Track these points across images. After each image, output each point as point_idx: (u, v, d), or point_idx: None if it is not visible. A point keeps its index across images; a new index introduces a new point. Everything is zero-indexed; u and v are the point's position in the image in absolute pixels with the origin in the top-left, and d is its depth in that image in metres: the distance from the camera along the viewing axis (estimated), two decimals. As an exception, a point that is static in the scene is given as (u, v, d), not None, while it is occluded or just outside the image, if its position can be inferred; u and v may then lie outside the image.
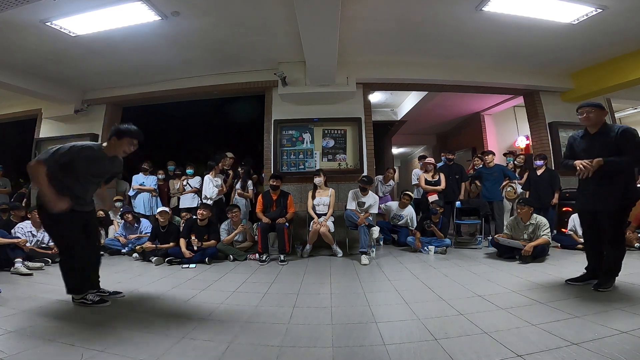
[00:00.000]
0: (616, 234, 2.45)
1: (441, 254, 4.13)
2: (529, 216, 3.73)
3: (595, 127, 2.52)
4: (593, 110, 2.48)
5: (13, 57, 4.34)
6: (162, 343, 1.76)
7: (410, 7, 3.62)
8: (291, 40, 4.15)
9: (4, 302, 2.44)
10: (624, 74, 4.67)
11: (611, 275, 2.46)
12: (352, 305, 2.38)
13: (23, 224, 4.05)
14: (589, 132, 2.56)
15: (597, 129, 2.51)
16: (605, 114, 2.52)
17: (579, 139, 2.64)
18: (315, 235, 4.19)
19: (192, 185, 5.27)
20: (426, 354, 1.60)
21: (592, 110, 2.49)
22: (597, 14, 3.60)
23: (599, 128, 2.50)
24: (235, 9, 3.58)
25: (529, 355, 1.52)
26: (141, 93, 5.59)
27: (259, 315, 2.20)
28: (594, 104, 2.51)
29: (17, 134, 7.14)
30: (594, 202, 2.49)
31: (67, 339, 1.79)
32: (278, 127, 5.12)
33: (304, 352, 1.66)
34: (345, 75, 4.86)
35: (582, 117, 2.53)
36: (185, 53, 4.55)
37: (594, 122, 2.50)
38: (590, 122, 2.51)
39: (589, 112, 2.50)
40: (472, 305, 2.26)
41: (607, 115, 2.53)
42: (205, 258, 3.85)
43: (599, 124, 2.50)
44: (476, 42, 4.38)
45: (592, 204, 2.51)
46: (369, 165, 5.07)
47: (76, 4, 3.30)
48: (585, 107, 2.52)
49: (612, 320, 1.86)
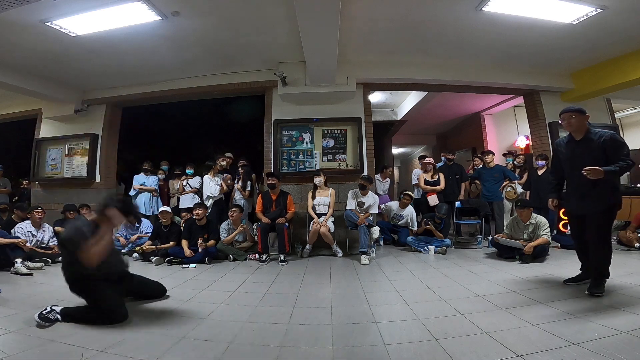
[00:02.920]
0: (601, 235, 2.43)
1: (441, 254, 4.13)
2: (529, 216, 3.73)
3: (579, 132, 2.49)
4: (574, 116, 2.46)
5: (13, 57, 4.34)
6: (162, 343, 1.76)
7: (410, 7, 3.62)
8: (291, 40, 4.15)
9: (4, 302, 2.45)
10: (624, 74, 4.66)
11: (601, 279, 2.43)
12: (352, 305, 2.38)
13: (23, 224, 4.05)
14: (574, 138, 2.54)
15: (582, 135, 2.48)
16: (587, 118, 2.48)
17: (564, 145, 2.63)
18: (315, 235, 4.19)
19: (192, 185, 5.26)
20: (426, 354, 1.60)
21: (573, 115, 2.46)
22: (597, 14, 3.60)
23: (584, 134, 2.47)
24: (235, 9, 3.58)
25: (529, 355, 1.52)
26: (141, 93, 5.59)
27: (259, 315, 2.21)
28: (574, 109, 2.48)
29: (17, 134, 7.14)
30: (582, 206, 2.49)
31: (67, 339, 1.80)
32: (278, 127, 5.12)
33: (304, 352, 1.66)
34: (345, 75, 4.86)
35: (564, 123, 2.51)
36: (185, 53, 4.55)
37: (576, 127, 2.48)
38: (573, 128, 2.49)
39: (570, 117, 2.48)
40: (472, 305, 2.26)
41: (588, 119, 2.50)
42: (205, 258, 3.85)
43: (583, 129, 2.47)
44: (476, 42, 4.38)
45: (581, 208, 2.51)
46: (369, 165, 5.07)
47: (76, 4, 3.29)
48: (566, 113, 2.50)
49: (612, 320, 1.86)
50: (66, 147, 5.91)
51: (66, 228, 2.14)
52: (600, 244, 2.43)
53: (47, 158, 5.98)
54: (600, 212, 2.39)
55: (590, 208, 2.43)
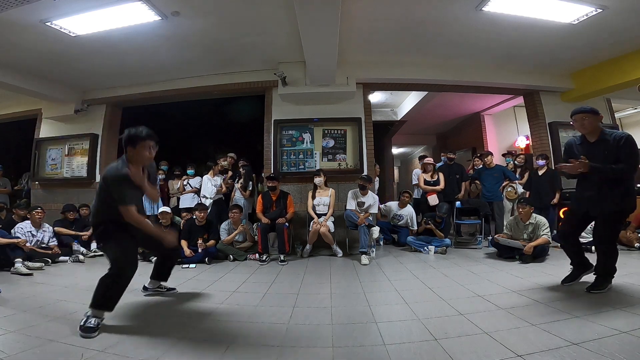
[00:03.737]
0: (608, 235, 2.42)
1: (441, 254, 4.13)
2: (529, 216, 3.73)
3: (593, 134, 2.39)
4: (587, 117, 2.35)
5: (13, 57, 4.34)
6: (162, 343, 1.76)
7: (410, 7, 3.62)
8: (291, 40, 4.15)
9: (4, 302, 2.45)
10: (624, 74, 4.66)
11: (606, 277, 2.44)
12: (352, 305, 2.38)
13: (23, 224, 4.05)
14: (587, 139, 2.44)
15: (596, 137, 2.38)
16: (601, 118, 2.39)
17: (578, 145, 2.52)
18: (315, 235, 4.19)
19: (193, 185, 5.27)
20: (426, 354, 1.60)
21: (586, 116, 2.36)
22: (597, 14, 3.60)
23: (599, 136, 2.37)
24: (235, 9, 3.58)
25: (529, 355, 1.52)
26: (141, 93, 5.59)
27: (259, 315, 2.20)
28: (587, 110, 2.37)
29: (17, 134, 7.14)
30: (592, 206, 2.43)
31: (67, 339, 1.80)
32: (278, 127, 5.12)
33: (304, 352, 1.66)
34: (345, 75, 4.86)
35: (577, 124, 2.41)
36: (185, 53, 4.55)
37: (589, 129, 2.38)
38: (586, 130, 2.39)
39: (583, 118, 2.37)
40: (472, 305, 2.26)
41: (602, 120, 2.42)
42: (205, 258, 3.85)
43: (596, 130, 2.38)
44: (476, 42, 4.38)
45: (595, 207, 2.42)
46: (369, 165, 5.07)
47: (76, 4, 3.29)
48: (578, 114, 2.39)
49: (612, 320, 1.86)
50: (66, 147, 5.91)
51: (110, 167, 2.09)
52: (609, 245, 2.43)
53: (47, 158, 5.98)
54: (614, 213, 2.37)
55: (605, 208, 2.36)
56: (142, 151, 2.10)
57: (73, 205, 4.83)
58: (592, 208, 2.45)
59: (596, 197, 2.39)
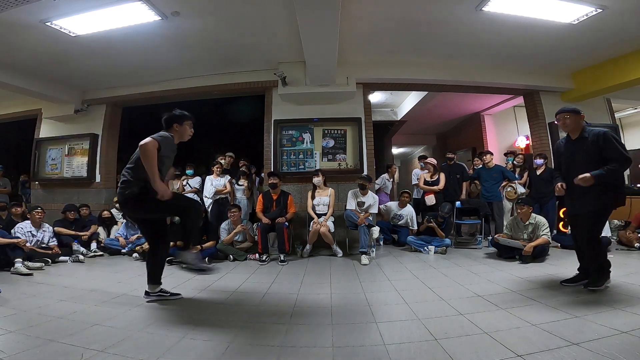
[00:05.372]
0: (590, 235, 2.47)
1: (441, 254, 4.12)
2: (528, 216, 3.74)
3: (575, 132, 2.56)
4: (569, 116, 2.53)
5: (13, 57, 4.34)
6: (162, 343, 1.76)
7: (410, 7, 3.62)
8: (291, 40, 4.15)
9: (4, 302, 2.44)
10: (624, 74, 4.66)
11: (601, 273, 2.46)
12: (352, 305, 2.37)
13: (23, 224, 4.05)
14: (570, 138, 2.60)
15: (578, 134, 2.54)
16: (582, 118, 2.55)
17: (563, 146, 2.69)
18: (315, 235, 4.19)
19: (192, 185, 5.27)
20: (426, 354, 1.60)
21: (568, 115, 2.53)
22: (597, 14, 3.60)
23: (580, 133, 2.53)
24: (235, 9, 3.58)
25: (529, 355, 1.52)
26: (141, 93, 5.59)
27: (259, 315, 2.21)
28: (568, 110, 2.55)
29: (17, 134, 7.14)
30: (574, 206, 2.55)
31: (67, 339, 1.80)
32: (278, 127, 5.12)
33: (304, 352, 1.66)
34: (345, 75, 4.86)
35: (560, 123, 2.58)
36: (186, 53, 4.55)
37: (571, 127, 2.55)
38: (568, 128, 2.56)
39: (565, 118, 2.55)
40: (472, 305, 2.26)
41: (584, 119, 2.56)
42: (205, 258, 3.84)
43: (578, 128, 2.53)
44: (476, 42, 4.38)
45: (573, 207, 2.57)
46: (369, 165, 5.07)
47: (76, 4, 3.29)
48: (561, 114, 2.58)
49: (612, 320, 1.86)
50: (66, 147, 5.91)
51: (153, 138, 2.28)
52: (590, 244, 2.48)
53: (47, 158, 5.98)
54: (590, 212, 2.43)
55: (581, 208, 2.47)
56: (187, 128, 2.53)
57: (73, 205, 4.83)
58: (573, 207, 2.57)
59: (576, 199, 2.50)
